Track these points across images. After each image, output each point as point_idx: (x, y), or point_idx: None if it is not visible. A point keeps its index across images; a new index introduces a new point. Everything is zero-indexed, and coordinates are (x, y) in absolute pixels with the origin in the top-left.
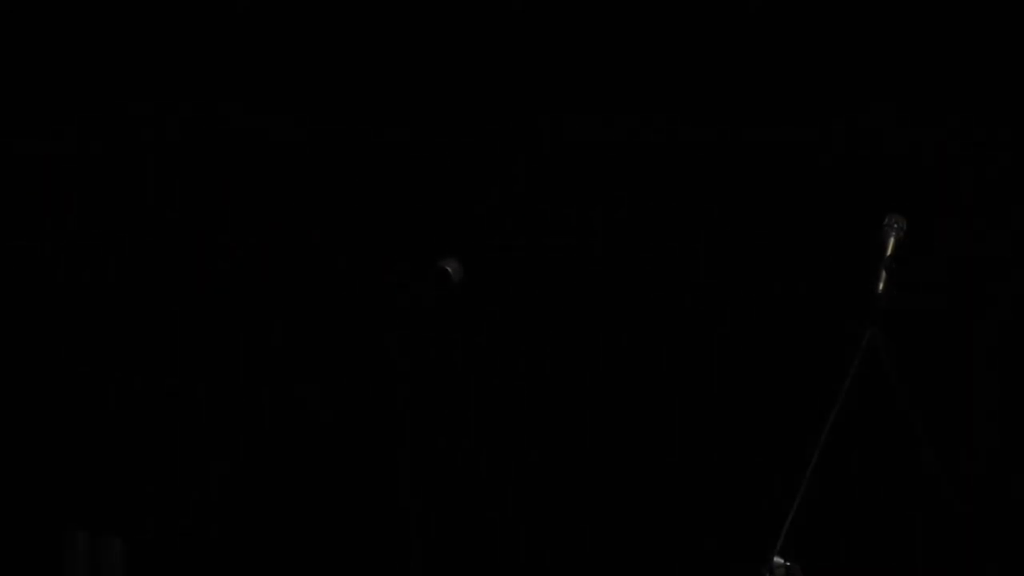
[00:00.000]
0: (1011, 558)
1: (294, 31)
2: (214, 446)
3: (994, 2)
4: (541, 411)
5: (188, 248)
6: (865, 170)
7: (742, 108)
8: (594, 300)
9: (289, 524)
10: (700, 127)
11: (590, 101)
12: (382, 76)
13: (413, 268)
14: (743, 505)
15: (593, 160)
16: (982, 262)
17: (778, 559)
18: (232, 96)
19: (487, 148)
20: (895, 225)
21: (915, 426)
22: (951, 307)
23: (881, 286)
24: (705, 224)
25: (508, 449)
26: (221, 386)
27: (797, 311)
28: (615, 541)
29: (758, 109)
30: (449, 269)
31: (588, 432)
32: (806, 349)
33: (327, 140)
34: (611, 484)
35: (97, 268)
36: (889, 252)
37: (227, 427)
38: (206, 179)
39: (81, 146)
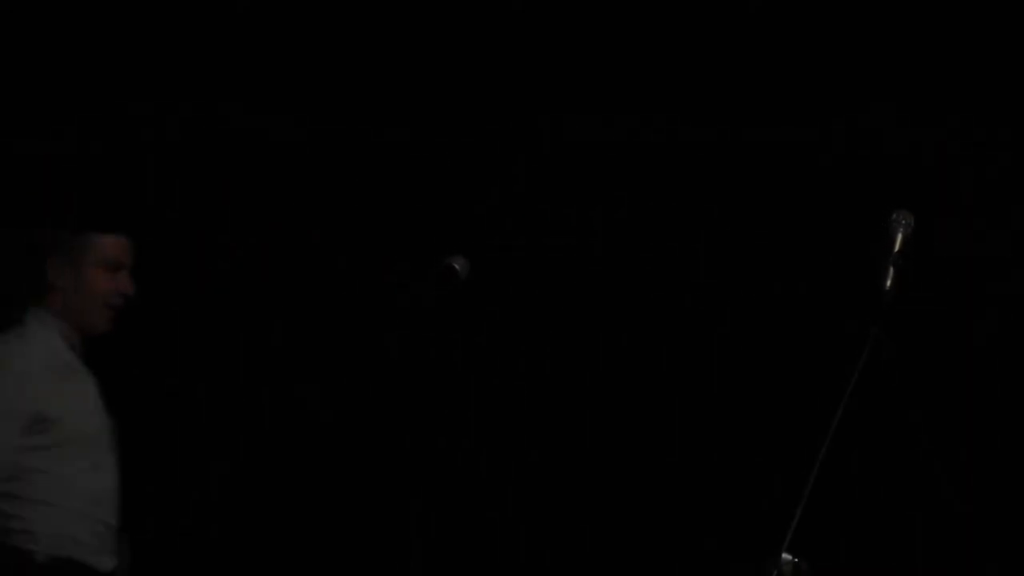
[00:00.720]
0: (1011, 558)
1: (294, 31)
2: (214, 446)
3: (994, 2)
4: (541, 411)
5: (188, 248)
6: (865, 170)
7: (742, 108)
8: (594, 300)
9: (289, 524)
10: (700, 127)
11: (590, 101)
12: (382, 76)
13: (413, 268)
14: (744, 505)
15: (593, 160)
16: (982, 262)
17: (786, 555)
18: (232, 96)
19: (487, 148)
20: (903, 221)
21: (916, 426)
22: (951, 307)
23: (888, 283)
24: (705, 224)
25: (508, 449)
26: (221, 386)
27: (798, 311)
28: (615, 541)
29: (758, 109)
30: (456, 266)
31: (588, 432)
32: (806, 349)
33: (327, 140)
34: (611, 484)
35: None
36: (897, 248)
37: (227, 427)
38: (206, 179)
39: (81, 146)
